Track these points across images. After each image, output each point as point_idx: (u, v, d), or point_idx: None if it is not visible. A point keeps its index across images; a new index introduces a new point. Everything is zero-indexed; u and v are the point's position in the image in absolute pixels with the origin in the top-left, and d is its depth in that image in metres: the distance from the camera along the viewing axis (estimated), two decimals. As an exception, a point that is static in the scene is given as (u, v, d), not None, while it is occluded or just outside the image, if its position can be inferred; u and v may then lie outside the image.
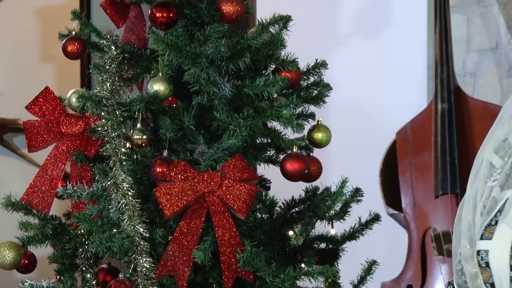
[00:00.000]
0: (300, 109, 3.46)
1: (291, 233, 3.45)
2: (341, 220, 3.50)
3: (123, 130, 3.33)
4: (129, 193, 3.28)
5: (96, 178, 3.36)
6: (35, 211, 3.45)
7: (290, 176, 3.36)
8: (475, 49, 5.40)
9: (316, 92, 3.51)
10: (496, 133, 2.71)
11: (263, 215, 3.43)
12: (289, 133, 3.41)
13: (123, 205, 3.27)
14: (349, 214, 3.50)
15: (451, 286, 2.72)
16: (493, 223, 2.61)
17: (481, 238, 2.60)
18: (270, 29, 3.41)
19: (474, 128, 4.96)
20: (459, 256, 2.68)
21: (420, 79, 5.41)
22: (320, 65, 3.50)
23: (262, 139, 3.47)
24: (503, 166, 2.65)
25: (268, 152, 3.50)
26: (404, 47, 5.48)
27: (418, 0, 5.45)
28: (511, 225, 2.57)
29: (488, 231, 2.61)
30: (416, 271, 4.96)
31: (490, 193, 2.65)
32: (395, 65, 5.44)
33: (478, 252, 2.59)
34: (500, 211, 2.61)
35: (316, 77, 3.52)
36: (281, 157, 3.42)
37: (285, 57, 3.43)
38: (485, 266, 2.58)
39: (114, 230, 3.30)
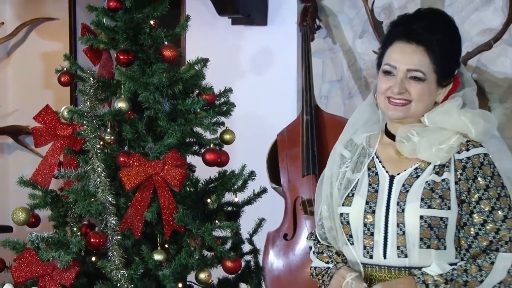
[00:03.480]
0: (214, 119, 3.63)
1: (209, 200, 3.64)
2: (241, 192, 3.71)
3: (98, 133, 3.51)
4: (102, 175, 3.45)
5: (80, 165, 3.55)
6: (39, 187, 3.63)
7: (208, 163, 3.60)
8: (327, 81, 5.57)
9: (225, 108, 3.68)
10: (344, 135, 2.91)
11: (190, 189, 3.61)
12: (208, 135, 3.63)
13: (98, 182, 3.45)
14: (247, 188, 3.72)
15: (313, 236, 2.92)
16: (350, 195, 2.75)
17: (343, 205, 2.75)
18: (195, 67, 3.61)
19: (326, 132, 5.09)
20: (319, 215, 2.88)
21: (292, 100, 5.54)
22: (228, 91, 3.70)
23: (190, 139, 3.63)
24: (351, 157, 2.83)
25: (194, 147, 3.68)
26: (282, 79, 5.59)
27: (291, 49, 5.53)
28: (363, 196, 2.73)
29: (347, 201, 2.75)
30: (289, 224, 5.09)
31: (344, 175, 2.80)
32: (276, 91, 5.58)
33: (341, 214, 2.74)
34: (354, 187, 2.76)
35: (225, 98, 3.70)
36: (202, 150, 3.63)
37: (205, 85, 3.63)
38: (346, 223, 2.74)
39: (92, 199, 3.47)
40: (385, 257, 2.66)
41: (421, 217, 2.61)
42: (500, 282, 2.60)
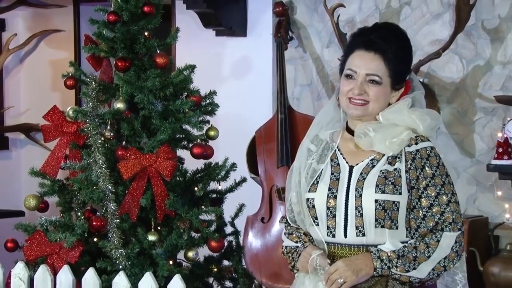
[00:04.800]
0: (201, 118, 3.64)
1: (196, 188, 3.64)
2: (224, 181, 3.72)
3: (99, 130, 3.51)
4: (103, 166, 3.45)
5: (84, 157, 3.55)
6: (48, 177, 3.65)
7: (196, 156, 3.62)
8: (299, 84, 5.59)
9: (210, 108, 3.69)
10: (311, 132, 2.88)
11: (180, 178, 3.62)
12: (195, 132, 3.63)
13: (99, 173, 3.45)
14: (229, 178, 3.72)
15: (284, 219, 2.91)
16: (315, 183, 2.75)
17: (309, 191, 2.74)
18: (184, 72, 3.62)
19: (298, 129, 5.11)
20: (289, 201, 2.84)
21: (268, 101, 5.57)
22: (212, 93, 3.71)
23: (180, 135, 3.63)
24: (317, 151, 2.82)
25: (183, 142, 3.67)
26: (259, 83, 5.61)
27: (267, 57, 5.56)
28: (326, 184, 2.73)
29: (313, 188, 2.75)
30: (266, 209, 5.14)
31: (311, 166, 2.79)
32: (254, 93, 5.60)
33: (308, 199, 2.73)
34: (319, 176, 2.76)
35: (209, 100, 3.70)
36: (190, 145, 3.64)
37: (192, 88, 3.65)
38: (312, 207, 2.73)
39: (94, 188, 3.48)
40: (345, 236, 2.68)
41: (376, 200, 2.63)
42: (445, 257, 2.63)
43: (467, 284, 2.79)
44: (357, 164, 2.73)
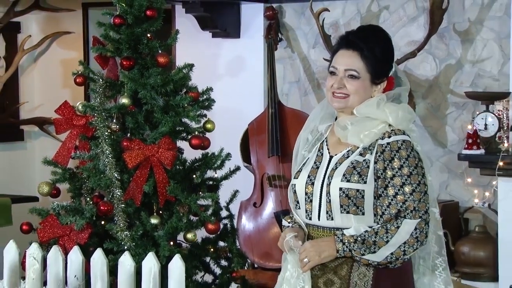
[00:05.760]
0: (198, 112, 3.64)
1: (194, 176, 3.64)
2: (220, 169, 3.73)
3: (106, 123, 3.52)
4: (109, 156, 3.47)
5: (92, 148, 3.56)
6: (59, 165, 3.64)
7: (194, 147, 3.63)
8: (287, 82, 5.59)
9: (207, 103, 3.69)
10: (307, 125, 2.89)
11: (180, 167, 3.63)
12: (193, 124, 3.63)
13: (106, 162, 3.47)
14: (224, 166, 3.73)
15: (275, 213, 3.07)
16: (300, 170, 2.80)
17: (294, 178, 2.79)
18: (183, 70, 3.62)
19: (287, 122, 5.14)
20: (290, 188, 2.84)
21: (260, 97, 5.59)
22: (209, 90, 3.71)
23: (179, 127, 3.64)
24: (311, 141, 2.85)
25: (182, 134, 3.67)
26: (252, 80, 5.63)
27: (259, 56, 5.57)
28: (307, 171, 2.76)
29: (297, 175, 2.79)
30: (258, 195, 5.16)
31: (303, 155, 2.84)
32: (247, 90, 5.62)
33: (292, 185, 2.79)
34: (304, 163, 2.80)
35: (206, 95, 3.70)
36: (189, 137, 3.64)
37: (191, 85, 3.65)
38: (294, 192, 2.78)
39: (102, 175, 3.49)
40: (319, 219, 2.68)
41: (340, 188, 2.63)
42: (404, 242, 2.60)
43: (447, 267, 2.79)
44: (336, 155, 2.74)
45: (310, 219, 2.71)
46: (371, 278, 2.64)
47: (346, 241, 2.62)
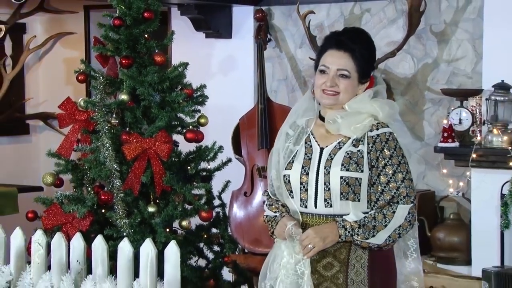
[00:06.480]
0: (193, 107, 3.62)
1: (189, 167, 3.62)
2: (213, 161, 3.68)
3: (106, 118, 3.49)
4: (109, 149, 3.44)
5: (93, 141, 3.53)
6: (62, 157, 3.62)
7: (188, 140, 3.62)
8: (276, 79, 5.59)
9: (200, 99, 3.66)
10: (289, 119, 2.88)
11: (175, 159, 3.60)
12: (188, 119, 3.62)
13: (106, 154, 3.44)
14: (217, 158, 3.69)
15: (266, 192, 2.91)
16: (291, 161, 2.77)
17: (286, 169, 2.76)
18: (179, 69, 3.59)
19: (276, 117, 5.14)
20: (270, 177, 2.86)
21: (250, 93, 5.57)
22: (203, 87, 3.69)
23: (175, 122, 3.61)
24: (294, 135, 2.83)
25: (178, 129, 3.64)
26: (242, 78, 5.62)
27: (249, 56, 5.56)
28: (300, 162, 2.74)
29: (289, 166, 2.76)
30: (248, 185, 5.16)
31: (288, 148, 2.81)
32: (238, 87, 5.62)
33: (285, 175, 2.76)
34: (294, 156, 2.77)
35: (200, 92, 3.66)
36: (184, 131, 3.62)
37: (185, 82, 3.62)
38: (288, 182, 2.76)
39: (102, 167, 3.46)
40: (315, 207, 2.69)
41: (341, 177, 2.64)
42: (399, 226, 2.64)
43: (418, 248, 2.81)
44: (326, 146, 2.74)
45: (306, 207, 2.71)
46: (366, 260, 2.68)
47: (348, 226, 2.64)
